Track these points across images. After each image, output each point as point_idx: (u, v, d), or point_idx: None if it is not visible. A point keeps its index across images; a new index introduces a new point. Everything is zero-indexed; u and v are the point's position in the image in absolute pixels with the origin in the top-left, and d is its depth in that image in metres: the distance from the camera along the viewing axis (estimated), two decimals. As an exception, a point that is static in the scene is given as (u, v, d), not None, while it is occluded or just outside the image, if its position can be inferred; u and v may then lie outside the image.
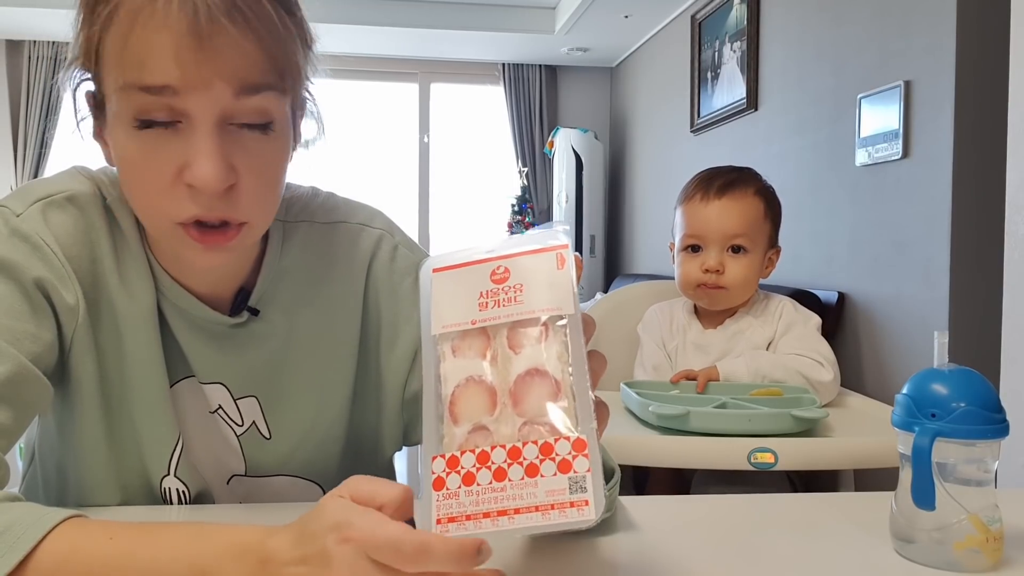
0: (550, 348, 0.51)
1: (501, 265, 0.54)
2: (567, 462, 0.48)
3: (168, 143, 0.65)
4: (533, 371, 0.51)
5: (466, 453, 0.50)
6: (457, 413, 0.51)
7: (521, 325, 0.52)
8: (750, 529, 0.77)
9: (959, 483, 0.64)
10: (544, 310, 0.52)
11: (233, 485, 0.84)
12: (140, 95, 0.63)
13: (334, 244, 0.84)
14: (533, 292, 0.53)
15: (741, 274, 1.48)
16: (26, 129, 4.90)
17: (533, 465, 0.48)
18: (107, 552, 0.54)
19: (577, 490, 0.47)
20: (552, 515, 0.47)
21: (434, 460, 0.50)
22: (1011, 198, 1.36)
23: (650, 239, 4.69)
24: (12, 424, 0.66)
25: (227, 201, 0.67)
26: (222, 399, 0.81)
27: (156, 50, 0.62)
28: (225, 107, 0.65)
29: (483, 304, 0.53)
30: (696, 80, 3.87)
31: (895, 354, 2.33)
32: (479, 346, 0.53)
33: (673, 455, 1.19)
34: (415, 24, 4.70)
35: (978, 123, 2.05)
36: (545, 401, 0.50)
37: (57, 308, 0.72)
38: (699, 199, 1.51)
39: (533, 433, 0.49)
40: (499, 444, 0.49)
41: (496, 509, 0.48)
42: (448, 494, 0.49)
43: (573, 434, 0.48)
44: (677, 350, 1.55)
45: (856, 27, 2.53)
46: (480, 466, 0.49)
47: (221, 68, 0.63)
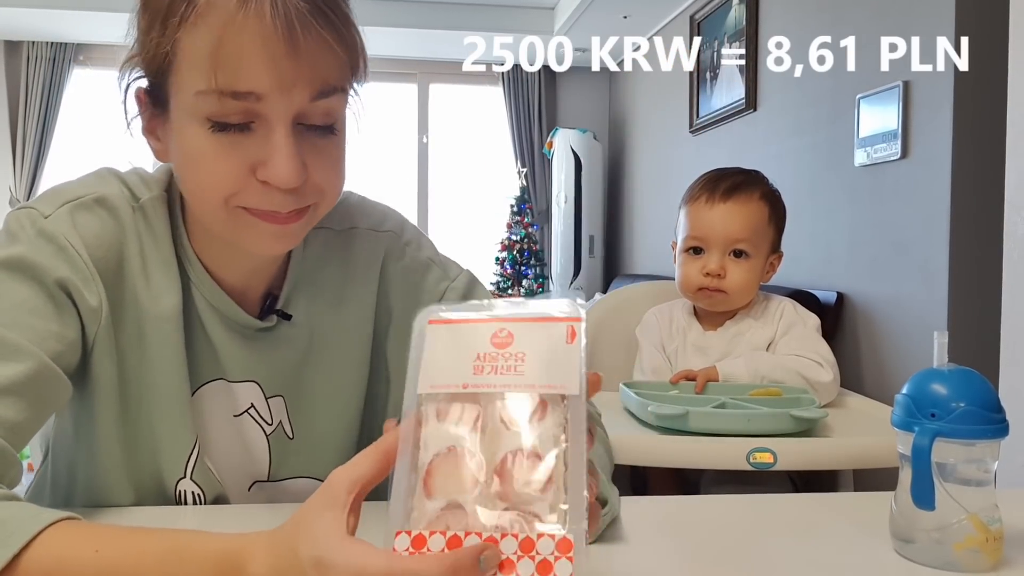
0: (546, 430, 0.46)
1: (505, 328, 0.49)
2: (547, 564, 0.43)
3: (241, 143, 0.66)
4: (524, 452, 0.45)
5: (435, 535, 0.44)
6: (432, 486, 0.46)
7: (520, 400, 0.47)
8: (750, 529, 0.77)
9: (959, 483, 0.64)
10: (545, 386, 0.47)
11: (254, 491, 0.84)
12: (223, 100, 0.64)
13: (349, 250, 0.86)
14: (535, 364, 0.47)
15: (742, 279, 1.48)
16: (24, 129, 4.90)
17: (509, 561, 0.43)
18: (93, 566, 0.54)
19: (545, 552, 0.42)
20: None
21: (397, 536, 0.45)
22: (1010, 198, 1.36)
23: (649, 239, 4.69)
24: (28, 422, 0.67)
25: (298, 195, 0.69)
26: (254, 397, 0.82)
27: (250, 57, 0.63)
28: (300, 109, 0.66)
29: (478, 368, 0.48)
30: (695, 81, 3.87)
31: (894, 354, 2.33)
32: (468, 414, 0.47)
33: (672, 455, 1.19)
34: (414, 24, 4.70)
35: (977, 123, 2.06)
36: (533, 489, 0.44)
37: (80, 309, 0.73)
38: (704, 201, 1.50)
39: (514, 524, 0.44)
40: (474, 531, 0.44)
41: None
42: None
43: (560, 532, 0.43)
44: (677, 352, 1.55)
45: (855, 27, 2.53)
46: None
47: (308, 73, 0.65)
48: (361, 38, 0.70)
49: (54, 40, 4.87)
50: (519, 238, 5.31)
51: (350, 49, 0.68)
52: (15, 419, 0.65)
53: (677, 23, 4.18)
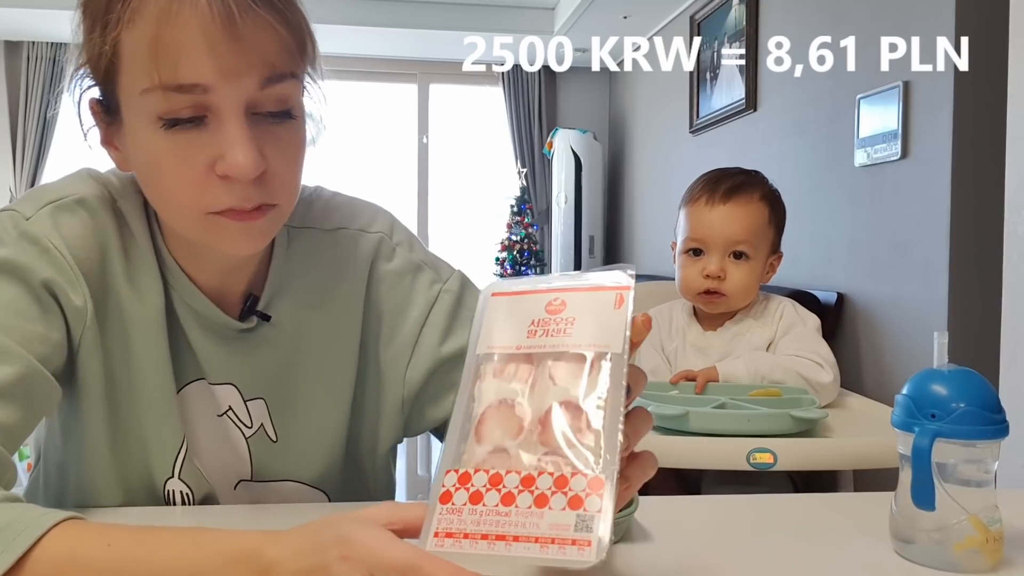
0: (589, 385, 0.49)
1: (559, 297, 0.53)
2: (579, 498, 0.46)
3: (196, 139, 0.65)
4: (567, 403, 0.49)
5: (479, 472, 0.49)
6: (482, 433, 0.50)
7: (566, 358, 0.51)
8: (749, 529, 0.77)
9: (959, 483, 0.64)
10: (591, 346, 0.50)
11: (240, 491, 0.84)
12: (171, 94, 0.63)
13: (336, 251, 0.84)
14: (584, 327, 0.51)
15: (742, 280, 1.48)
16: (25, 130, 4.90)
17: (543, 496, 0.47)
18: (104, 558, 0.53)
19: (582, 528, 0.45)
20: (551, 549, 0.45)
21: (447, 474, 0.49)
22: (1010, 198, 1.36)
23: (649, 239, 4.69)
24: (20, 425, 0.66)
25: (260, 187, 0.67)
26: (232, 400, 0.81)
27: (189, 47, 0.61)
28: (251, 97, 0.65)
29: (532, 332, 0.52)
30: (695, 81, 3.87)
31: (894, 355, 2.33)
32: (521, 372, 0.52)
33: (672, 455, 1.19)
34: (414, 24, 4.70)
35: (977, 123, 2.05)
36: (572, 435, 0.48)
37: (65, 310, 0.72)
38: (704, 202, 1.50)
39: (551, 464, 0.48)
40: (515, 469, 0.48)
41: (496, 532, 0.46)
42: (452, 509, 0.48)
43: (592, 472, 0.47)
44: (677, 352, 1.55)
45: (855, 27, 2.53)
46: (491, 487, 0.48)
47: (253, 59, 0.63)
48: (307, 20, 0.69)
49: (54, 40, 4.87)
50: (519, 238, 5.31)
51: (295, 31, 0.66)
52: (6, 421, 0.65)
53: (677, 23, 4.18)
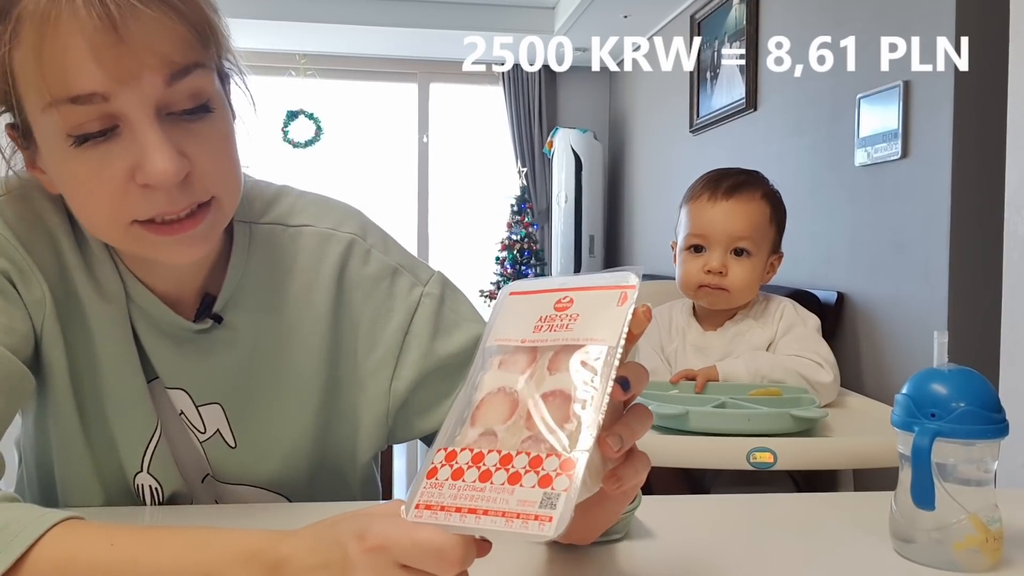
0: (579, 374, 0.52)
1: (568, 295, 0.56)
2: (548, 477, 0.48)
3: (111, 152, 0.62)
4: (557, 392, 0.51)
5: (465, 451, 0.52)
6: (477, 417, 0.53)
7: (565, 350, 0.53)
8: (750, 529, 0.77)
9: (959, 483, 0.64)
10: (589, 340, 0.53)
11: (207, 484, 0.83)
12: (69, 108, 0.59)
13: (301, 250, 0.80)
14: (586, 322, 0.54)
15: (743, 277, 1.48)
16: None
17: (517, 474, 0.49)
18: (108, 559, 0.53)
19: (546, 505, 0.47)
20: (514, 523, 0.47)
21: (438, 452, 0.52)
22: (1010, 198, 1.36)
23: (649, 239, 4.70)
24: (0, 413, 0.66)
25: (186, 189, 0.64)
26: (184, 405, 0.79)
27: (73, 56, 0.58)
28: (159, 97, 0.61)
29: (538, 327, 0.55)
30: (695, 80, 3.87)
31: (894, 354, 2.33)
32: (523, 363, 0.54)
33: (672, 455, 1.19)
34: (414, 24, 4.70)
35: (977, 123, 2.06)
36: (553, 420, 0.51)
37: (25, 300, 0.71)
38: (706, 199, 1.50)
39: (530, 446, 0.50)
40: (496, 449, 0.51)
41: (468, 506, 0.49)
42: (435, 483, 0.51)
43: (565, 454, 0.49)
44: (676, 352, 1.55)
45: (856, 27, 2.53)
46: (472, 465, 0.51)
47: (147, 58, 0.59)
48: (207, 7, 0.64)
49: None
50: (519, 238, 5.31)
51: (191, 21, 0.61)
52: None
53: (677, 23, 4.18)
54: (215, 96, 0.66)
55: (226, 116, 0.68)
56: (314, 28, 4.61)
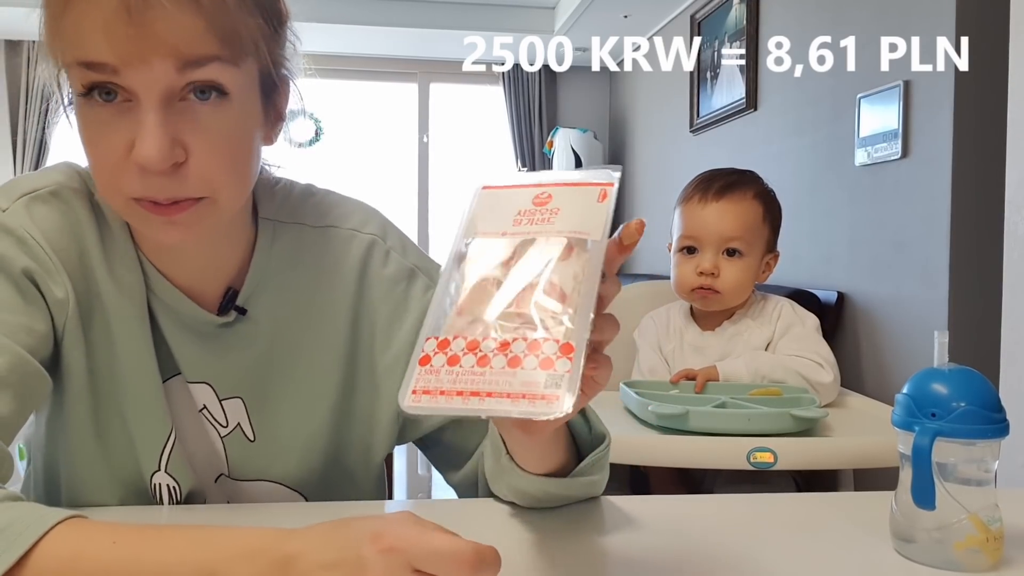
0: (568, 265, 0.52)
1: (546, 191, 0.56)
2: (550, 360, 0.49)
3: (118, 120, 0.64)
4: (544, 282, 0.52)
5: (458, 338, 0.51)
6: (463, 307, 0.53)
7: (548, 242, 0.54)
8: (749, 528, 0.77)
9: (959, 483, 0.64)
10: (572, 232, 0.53)
11: (221, 484, 0.84)
12: (84, 71, 0.63)
13: (324, 250, 0.82)
14: (567, 216, 0.54)
15: (736, 278, 1.48)
16: (25, 129, 4.90)
17: (516, 357, 0.49)
18: (111, 556, 0.53)
19: (551, 385, 0.48)
20: (521, 403, 0.47)
21: (427, 340, 0.52)
22: (1010, 197, 1.36)
23: (649, 239, 4.65)
24: (13, 416, 0.66)
25: (176, 180, 0.65)
26: (207, 399, 0.80)
27: (88, 27, 0.61)
28: (170, 83, 0.63)
29: (518, 220, 0.55)
30: (695, 80, 3.87)
31: (895, 354, 2.33)
32: (506, 254, 0.54)
33: (672, 455, 1.19)
34: (414, 24, 4.70)
35: (977, 123, 2.05)
36: (547, 307, 0.51)
37: (48, 300, 0.72)
38: (697, 200, 1.51)
39: (526, 331, 0.50)
40: (491, 336, 0.51)
41: (471, 389, 0.49)
42: (431, 370, 0.50)
43: (563, 339, 0.49)
44: (675, 353, 1.55)
45: (856, 27, 2.53)
46: (468, 352, 0.51)
47: (157, 45, 0.61)
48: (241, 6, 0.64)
49: (54, 40, 4.87)
50: (519, 238, 5.31)
51: (211, 17, 0.62)
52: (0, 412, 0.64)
53: (677, 23, 4.18)
54: (236, 91, 0.66)
55: (243, 113, 0.68)
56: (314, 28, 4.59)
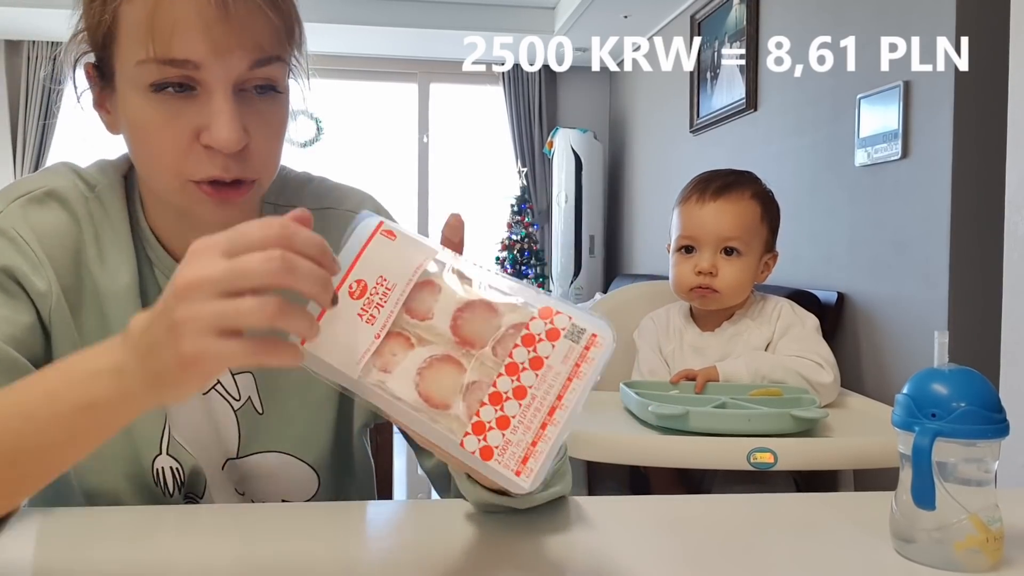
0: (452, 286, 0.52)
1: (349, 283, 0.54)
2: (554, 331, 0.48)
3: (185, 107, 0.69)
4: (459, 311, 0.51)
5: (481, 410, 0.49)
6: (438, 400, 0.50)
7: (411, 300, 0.52)
8: (750, 529, 0.76)
9: (959, 483, 0.64)
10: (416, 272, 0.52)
11: (228, 470, 0.86)
12: (161, 68, 0.67)
13: (322, 230, 0.85)
14: (394, 271, 0.53)
15: (734, 277, 1.47)
16: (25, 129, 4.90)
17: (536, 358, 0.48)
18: None
19: (578, 337, 0.47)
20: (584, 371, 0.47)
21: (462, 446, 0.49)
22: (1011, 198, 1.36)
23: (649, 239, 4.69)
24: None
25: (240, 161, 0.71)
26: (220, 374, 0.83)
27: (183, 25, 0.65)
28: (241, 75, 0.69)
29: (370, 318, 0.52)
30: (695, 80, 3.87)
31: (895, 354, 2.33)
32: (401, 344, 0.52)
33: (672, 455, 1.19)
34: (414, 24, 4.70)
35: (977, 123, 2.06)
36: (485, 320, 0.50)
37: (30, 293, 0.76)
38: (695, 200, 1.51)
39: (507, 342, 0.49)
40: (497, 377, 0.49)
41: (543, 415, 0.47)
42: (501, 449, 0.48)
43: (534, 309, 0.49)
44: (674, 353, 1.54)
45: (856, 27, 2.53)
46: (498, 407, 0.48)
47: (243, 40, 0.67)
48: (296, 8, 0.73)
49: (54, 40, 4.87)
50: (519, 238, 5.31)
51: (284, 17, 0.70)
52: None
53: (677, 23, 4.18)
54: (283, 85, 0.74)
55: (287, 104, 0.76)
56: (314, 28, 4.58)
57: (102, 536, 0.71)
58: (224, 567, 0.64)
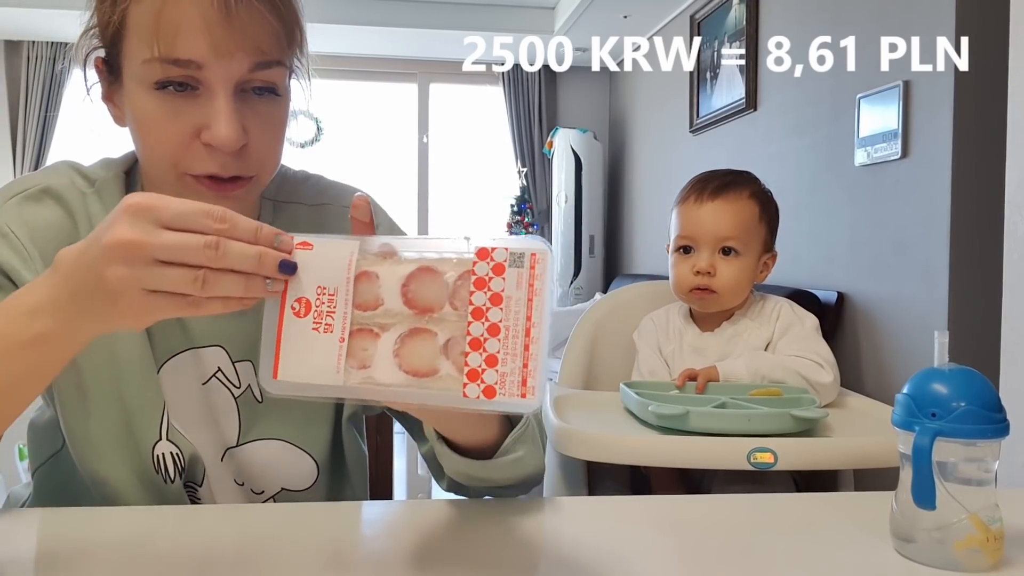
0: (387, 268, 0.54)
1: (290, 305, 0.55)
2: (499, 265, 0.51)
3: (187, 105, 0.71)
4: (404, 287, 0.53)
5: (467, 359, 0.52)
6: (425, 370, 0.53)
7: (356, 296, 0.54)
8: (750, 529, 0.77)
9: (959, 483, 0.64)
10: (349, 268, 0.54)
11: (227, 461, 0.87)
12: (165, 67, 0.69)
13: (320, 226, 0.89)
14: (328, 276, 0.55)
15: (732, 277, 1.47)
16: (24, 129, 4.90)
17: (495, 295, 0.51)
18: None
19: (521, 261, 0.50)
20: (539, 288, 0.50)
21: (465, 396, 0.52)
22: (1010, 198, 1.36)
23: (649, 239, 4.69)
24: None
25: (239, 159, 0.73)
26: (221, 362, 0.85)
27: (187, 26, 0.68)
28: (242, 77, 0.71)
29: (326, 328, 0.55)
30: (695, 80, 3.87)
31: (895, 354, 2.33)
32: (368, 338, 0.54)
33: (673, 455, 1.19)
34: (414, 24, 4.70)
35: (977, 123, 2.06)
36: (432, 282, 0.53)
37: (19, 286, 0.77)
38: (693, 200, 1.51)
39: (462, 292, 0.52)
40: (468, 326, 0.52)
41: (523, 339, 0.51)
42: (500, 384, 0.51)
43: (470, 255, 0.52)
44: (674, 354, 1.54)
45: (855, 27, 2.53)
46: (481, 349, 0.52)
47: (244, 42, 0.70)
48: (299, 13, 0.76)
49: (54, 40, 4.87)
50: (519, 238, 5.30)
51: (286, 22, 0.73)
52: None
53: (677, 23, 4.18)
54: (284, 87, 0.76)
55: (287, 105, 0.78)
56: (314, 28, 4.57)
57: (102, 536, 0.71)
58: (224, 567, 0.65)
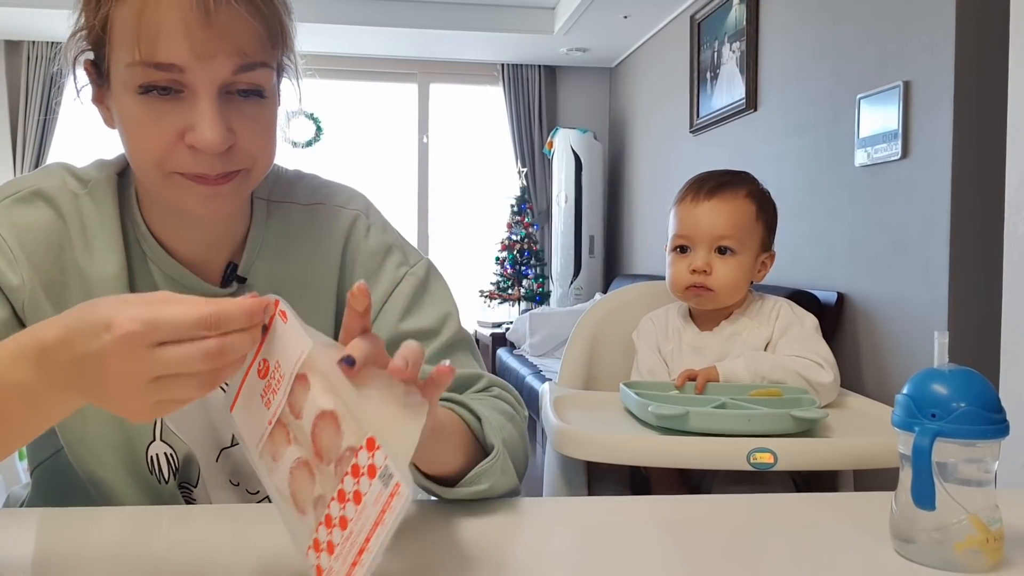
0: (316, 389, 0.53)
1: (260, 359, 0.56)
2: (372, 467, 0.49)
3: (172, 108, 0.71)
4: (317, 419, 0.52)
5: (319, 528, 0.52)
6: (300, 503, 0.54)
7: (292, 393, 0.54)
8: (750, 529, 0.76)
9: (959, 483, 0.64)
10: (296, 364, 0.54)
11: (222, 461, 0.87)
12: (147, 70, 0.69)
13: (314, 225, 0.89)
14: (284, 358, 0.54)
15: (728, 276, 1.47)
16: (24, 129, 4.90)
17: (357, 492, 0.50)
18: None
19: (388, 481, 0.48)
20: (387, 520, 0.48)
21: (306, 555, 0.53)
22: (1010, 198, 1.36)
23: (649, 239, 4.70)
24: None
25: (226, 159, 0.73)
26: None
27: (167, 30, 0.67)
28: (225, 79, 0.71)
29: (267, 402, 0.55)
30: (695, 80, 3.87)
31: (895, 354, 2.33)
32: (283, 437, 0.55)
33: (672, 455, 1.19)
34: (414, 24, 4.70)
35: (977, 123, 2.06)
36: (333, 435, 0.51)
37: (3, 288, 0.78)
38: (689, 200, 1.51)
39: (344, 464, 0.51)
40: (330, 500, 0.51)
41: (355, 552, 0.49)
42: (327, 573, 0.51)
43: (361, 440, 0.50)
44: (673, 353, 1.54)
45: (855, 27, 2.53)
46: (330, 530, 0.51)
47: (226, 45, 0.69)
48: (284, 15, 0.75)
49: (54, 40, 4.87)
50: (519, 238, 5.30)
51: (268, 24, 0.72)
52: None
53: (677, 23, 4.18)
54: (269, 87, 0.76)
55: (274, 104, 0.78)
56: (314, 28, 4.60)
57: (102, 536, 0.71)
58: (219, 567, 0.65)
